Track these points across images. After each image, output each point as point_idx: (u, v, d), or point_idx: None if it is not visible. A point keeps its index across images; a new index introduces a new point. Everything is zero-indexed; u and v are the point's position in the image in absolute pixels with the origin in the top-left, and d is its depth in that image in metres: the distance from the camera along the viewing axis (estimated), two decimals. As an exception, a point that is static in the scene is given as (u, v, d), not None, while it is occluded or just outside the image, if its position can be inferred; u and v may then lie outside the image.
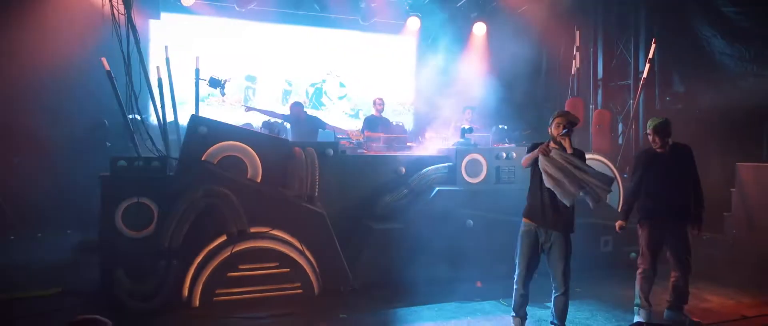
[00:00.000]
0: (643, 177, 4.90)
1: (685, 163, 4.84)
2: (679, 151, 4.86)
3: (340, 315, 4.99)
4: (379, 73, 11.16)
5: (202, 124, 5.43)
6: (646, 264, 4.93)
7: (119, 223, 5.02)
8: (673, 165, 4.81)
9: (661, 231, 4.86)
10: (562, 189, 4.18)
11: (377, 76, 11.10)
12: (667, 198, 4.79)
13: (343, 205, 6.08)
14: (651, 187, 4.85)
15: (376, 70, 11.17)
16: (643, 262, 4.98)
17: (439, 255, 5.94)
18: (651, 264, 4.92)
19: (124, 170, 5.14)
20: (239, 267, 5.02)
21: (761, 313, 5.27)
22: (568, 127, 4.26)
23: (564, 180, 4.19)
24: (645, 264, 4.94)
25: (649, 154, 4.95)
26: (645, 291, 4.97)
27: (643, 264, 4.96)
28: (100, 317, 2.50)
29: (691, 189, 4.84)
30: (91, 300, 5.15)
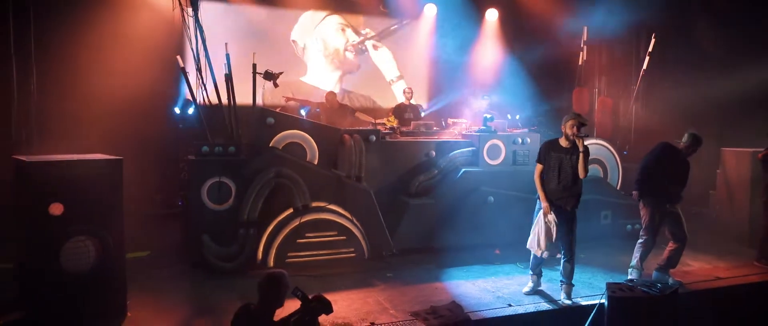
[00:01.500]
0: (661, 164, 5.93)
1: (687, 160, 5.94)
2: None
3: (387, 275, 6.11)
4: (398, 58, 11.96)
5: (269, 116, 6.45)
6: (649, 235, 5.97)
7: (204, 198, 6.08)
8: (685, 162, 5.90)
9: (664, 211, 5.91)
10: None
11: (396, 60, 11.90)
12: (676, 186, 5.89)
13: (383, 183, 7.14)
14: (667, 176, 5.90)
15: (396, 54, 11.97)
16: (646, 233, 5.99)
17: (465, 226, 7.04)
18: (653, 236, 5.97)
19: (207, 155, 6.18)
20: (306, 235, 6.09)
21: (733, 275, 6.38)
22: (581, 128, 5.31)
23: None
24: (647, 235, 5.98)
25: (673, 149, 5.99)
26: (643, 256, 6.03)
27: (647, 235, 5.98)
28: (283, 271, 3.50)
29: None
30: (184, 260, 6.27)
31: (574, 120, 5.34)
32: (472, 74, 11.59)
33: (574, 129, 5.32)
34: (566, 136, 5.39)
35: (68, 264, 4.41)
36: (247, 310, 3.41)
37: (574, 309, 5.18)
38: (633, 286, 4.57)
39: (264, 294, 3.36)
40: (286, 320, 3.42)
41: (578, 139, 5.32)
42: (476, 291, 5.61)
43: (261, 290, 3.37)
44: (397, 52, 11.76)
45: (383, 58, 11.61)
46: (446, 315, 4.82)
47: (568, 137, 5.38)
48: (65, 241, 4.38)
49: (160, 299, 5.17)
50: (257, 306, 3.41)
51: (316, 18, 11.06)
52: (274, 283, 3.34)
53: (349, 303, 5.16)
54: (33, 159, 4.40)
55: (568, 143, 5.41)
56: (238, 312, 3.43)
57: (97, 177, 4.49)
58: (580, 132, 5.34)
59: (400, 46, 11.77)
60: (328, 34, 11.14)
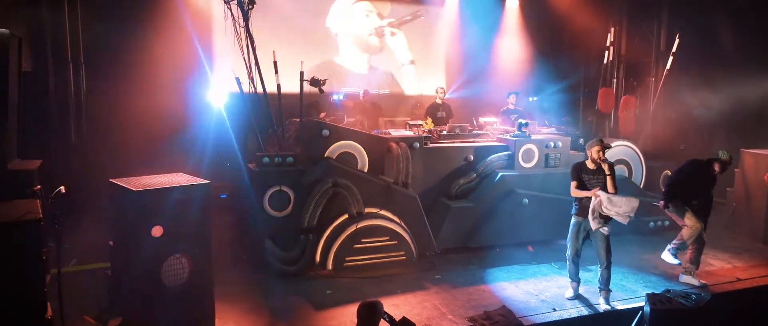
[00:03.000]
0: (694, 181, 6.58)
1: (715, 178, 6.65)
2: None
3: (436, 276, 6.65)
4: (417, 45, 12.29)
5: (324, 128, 6.89)
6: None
7: (266, 205, 6.56)
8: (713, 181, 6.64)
9: None
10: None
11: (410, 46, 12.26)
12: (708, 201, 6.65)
13: (426, 187, 7.63)
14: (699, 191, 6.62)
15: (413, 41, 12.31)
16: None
17: (501, 227, 7.57)
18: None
19: (268, 165, 6.64)
20: (362, 240, 6.60)
21: (752, 276, 6.93)
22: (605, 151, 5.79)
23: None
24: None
25: (709, 169, 6.60)
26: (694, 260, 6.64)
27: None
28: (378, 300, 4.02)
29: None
30: (242, 262, 6.80)
31: (599, 146, 5.82)
32: (493, 64, 11.95)
33: (600, 153, 5.79)
34: (591, 159, 5.85)
35: (167, 279, 4.91)
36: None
37: (613, 313, 5.73)
38: (671, 298, 5.09)
39: (362, 319, 3.87)
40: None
41: (604, 164, 5.78)
42: (521, 294, 6.15)
43: (360, 317, 3.89)
44: (419, 39, 12.07)
45: (398, 43, 12.05)
46: (500, 321, 5.37)
47: (593, 160, 5.84)
48: (165, 260, 4.87)
49: (239, 303, 5.70)
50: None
51: (347, 4, 11.57)
52: (372, 311, 3.87)
53: (410, 308, 5.71)
54: (133, 184, 4.85)
55: (594, 165, 5.88)
56: None
57: (190, 200, 4.96)
58: (603, 155, 5.80)
59: (423, 34, 12.08)
60: (356, 19, 11.69)
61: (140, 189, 4.73)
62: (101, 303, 5.51)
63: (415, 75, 12.10)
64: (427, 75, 12.01)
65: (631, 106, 10.09)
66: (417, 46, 12.05)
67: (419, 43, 12.06)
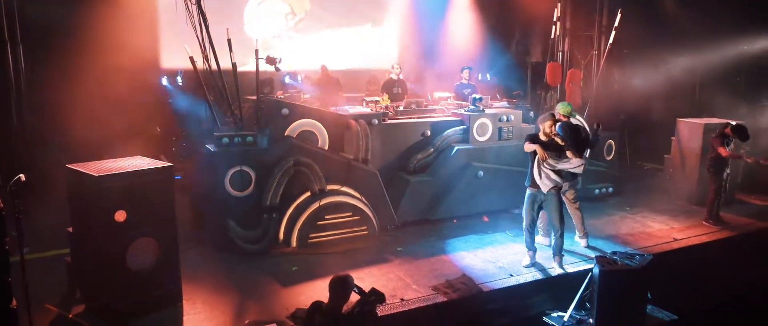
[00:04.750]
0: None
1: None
2: None
3: (398, 249, 6.86)
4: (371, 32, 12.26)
5: (283, 107, 6.89)
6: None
7: (228, 186, 6.54)
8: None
9: None
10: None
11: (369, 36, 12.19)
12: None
13: (385, 163, 7.77)
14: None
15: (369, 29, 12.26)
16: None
17: (458, 199, 7.84)
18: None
19: (227, 145, 6.60)
20: (325, 216, 6.70)
21: (687, 235, 7.51)
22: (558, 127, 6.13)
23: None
24: None
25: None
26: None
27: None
28: (349, 274, 4.13)
29: None
30: (205, 242, 6.78)
31: (551, 120, 6.12)
32: (446, 40, 12.15)
33: (552, 128, 6.09)
34: (544, 132, 6.15)
35: (132, 263, 4.88)
36: (320, 307, 4.03)
37: (566, 276, 6.12)
38: (617, 259, 5.49)
39: (334, 293, 3.99)
40: (351, 312, 4.08)
41: (557, 137, 6.09)
42: (479, 263, 6.45)
43: (332, 290, 4.00)
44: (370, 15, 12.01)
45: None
46: (462, 288, 5.65)
47: (545, 134, 6.15)
48: (129, 244, 4.83)
49: (205, 284, 5.71)
50: (328, 303, 4.03)
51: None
52: (343, 284, 3.99)
53: (375, 280, 5.89)
54: (93, 169, 4.75)
55: (547, 138, 6.19)
56: (312, 308, 4.06)
57: (153, 183, 4.92)
58: (556, 130, 6.12)
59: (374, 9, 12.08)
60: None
61: (101, 174, 4.65)
62: (61, 290, 5.42)
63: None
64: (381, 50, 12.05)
65: (576, 79, 10.55)
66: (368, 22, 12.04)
67: (370, 19, 12.06)
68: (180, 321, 4.96)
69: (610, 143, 9.68)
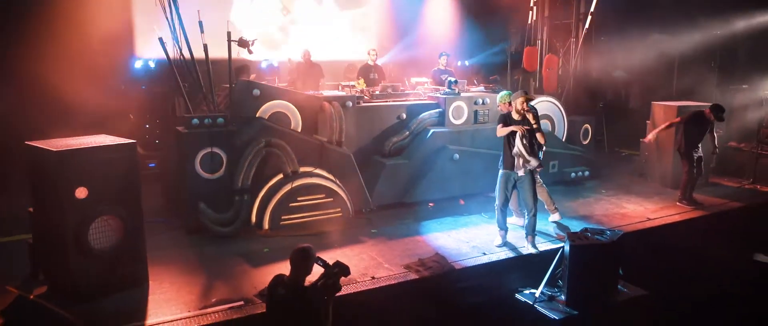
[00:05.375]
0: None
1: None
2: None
3: (372, 231, 6.80)
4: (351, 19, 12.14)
5: (255, 87, 6.79)
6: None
7: (198, 168, 6.44)
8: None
9: None
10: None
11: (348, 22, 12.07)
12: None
13: (360, 146, 7.72)
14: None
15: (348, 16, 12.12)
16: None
17: (434, 182, 7.81)
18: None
19: (197, 127, 6.49)
20: (297, 198, 6.62)
21: (661, 215, 7.57)
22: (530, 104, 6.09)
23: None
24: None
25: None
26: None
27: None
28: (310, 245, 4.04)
29: None
30: (176, 225, 6.67)
31: (523, 97, 6.11)
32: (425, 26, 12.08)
33: (524, 105, 6.08)
34: (516, 110, 6.14)
35: (95, 243, 4.77)
36: (282, 279, 3.95)
37: (539, 254, 6.11)
38: (588, 235, 5.50)
39: (296, 265, 3.90)
40: (314, 284, 4.01)
41: (529, 114, 6.08)
42: (453, 243, 6.43)
43: (293, 262, 3.91)
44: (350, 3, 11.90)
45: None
46: (434, 266, 5.62)
47: (518, 111, 6.13)
48: (91, 222, 4.72)
49: (173, 265, 5.61)
50: (290, 276, 3.95)
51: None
52: (305, 256, 3.89)
53: (347, 260, 5.74)
54: (53, 145, 4.63)
55: (520, 116, 6.17)
56: (274, 281, 3.97)
57: (115, 160, 4.81)
58: (527, 106, 6.10)
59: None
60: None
61: (61, 149, 4.53)
62: (24, 273, 5.28)
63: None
64: (359, 38, 11.94)
65: (553, 65, 10.57)
66: (347, 10, 11.94)
67: (350, 7, 11.95)
68: (144, 301, 4.85)
69: (586, 127, 9.73)
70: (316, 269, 3.94)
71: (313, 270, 3.97)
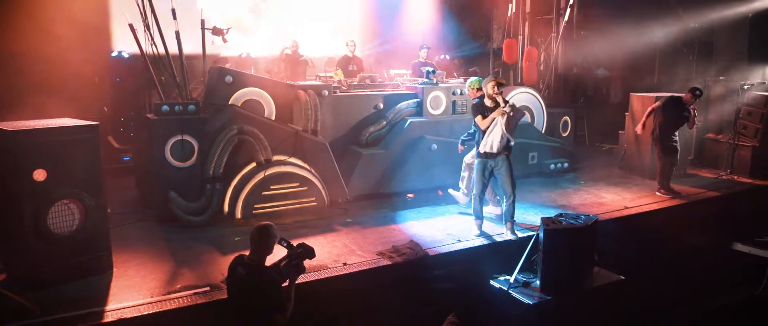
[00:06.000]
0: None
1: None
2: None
3: (347, 220, 6.70)
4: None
5: (227, 74, 6.66)
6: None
7: (168, 156, 6.29)
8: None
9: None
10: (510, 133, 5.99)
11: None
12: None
13: (336, 136, 7.62)
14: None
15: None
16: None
17: (412, 172, 7.72)
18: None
19: (168, 114, 6.35)
20: (270, 187, 6.49)
21: (638, 204, 7.55)
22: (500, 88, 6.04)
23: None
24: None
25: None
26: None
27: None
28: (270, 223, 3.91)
29: None
30: (148, 215, 6.52)
31: (494, 81, 6.05)
32: (405, 23, 12.02)
33: (495, 89, 6.02)
34: (488, 95, 6.08)
35: (55, 227, 4.62)
36: (242, 259, 3.82)
37: (514, 241, 6.05)
38: (562, 220, 5.44)
39: (255, 243, 3.77)
40: (276, 265, 3.88)
41: (499, 97, 6.03)
42: (429, 231, 6.34)
43: (252, 240, 3.78)
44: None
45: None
46: (408, 253, 5.52)
47: (490, 96, 6.07)
48: (51, 205, 4.56)
49: (140, 253, 5.46)
50: (250, 256, 3.82)
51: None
52: (263, 234, 3.76)
53: (320, 247, 5.69)
54: (11, 126, 4.48)
55: (492, 102, 6.11)
56: (234, 261, 3.85)
57: (76, 142, 4.66)
58: (499, 90, 6.05)
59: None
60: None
61: (17, 129, 4.38)
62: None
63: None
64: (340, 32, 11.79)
65: (533, 57, 10.56)
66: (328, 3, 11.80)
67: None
68: (107, 287, 4.70)
69: (565, 119, 9.73)
70: (280, 250, 3.83)
71: (276, 251, 3.86)
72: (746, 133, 9.25)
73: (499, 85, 6.06)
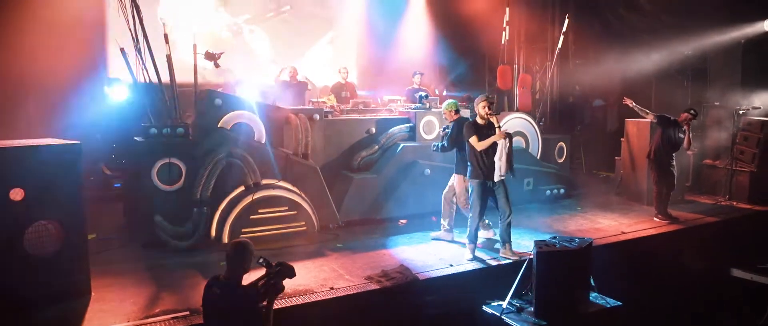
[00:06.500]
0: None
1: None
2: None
3: (337, 245, 6.54)
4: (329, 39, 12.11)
5: (217, 97, 6.62)
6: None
7: (155, 179, 6.19)
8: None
9: None
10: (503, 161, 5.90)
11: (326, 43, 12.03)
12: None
13: (328, 159, 7.53)
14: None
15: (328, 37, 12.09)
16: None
17: (404, 197, 7.59)
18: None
19: (155, 136, 6.27)
20: (259, 211, 6.35)
21: (635, 230, 7.40)
22: (493, 108, 5.99)
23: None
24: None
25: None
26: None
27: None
28: (247, 240, 3.79)
29: None
30: (133, 241, 6.37)
31: (486, 101, 6.00)
32: (401, 50, 12.08)
33: (486, 109, 5.96)
34: (480, 116, 6.02)
35: (31, 248, 4.48)
36: (217, 279, 3.67)
37: (507, 265, 5.89)
38: (555, 242, 5.29)
39: (231, 261, 3.63)
40: (253, 284, 3.72)
41: (492, 117, 5.97)
42: (420, 255, 6.18)
43: (228, 258, 3.64)
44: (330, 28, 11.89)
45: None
46: (397, 277, 5.36)
47: (482, 116, 6.01)
48: (28, 226, 4.44)
49: (121, 278, 5.30)
50: (226, 274, 3.67)
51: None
52: (239, 251, 3.62)
53: (307, 271, 5.56)
54: (-12, 145, 4.40)
55: (484, 121, 6.05)
56: (209, 281, 3.70)
57: (57, 162, 4.57)
58: (491, 110, 5.99)
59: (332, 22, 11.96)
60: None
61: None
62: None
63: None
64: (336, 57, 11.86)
65: (527, 84, 10.56)
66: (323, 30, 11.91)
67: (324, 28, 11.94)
68: (83, 311, 4.53)
69: (561, 145, 9.64)
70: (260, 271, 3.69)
71: (256, 270, 3.72)
72: (743, 158, 9.16)
73: (491, 104, 6.01)
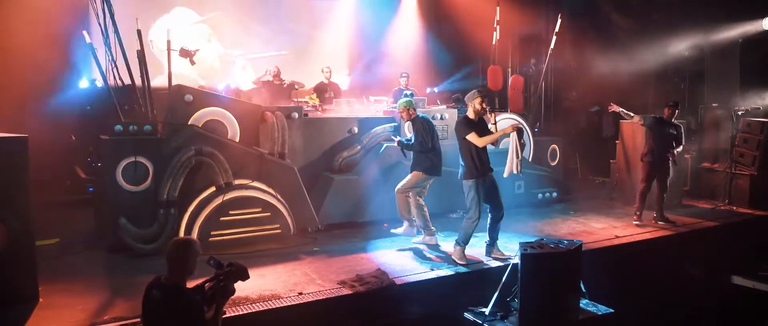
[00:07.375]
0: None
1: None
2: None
3: (314, 249, 6.18)
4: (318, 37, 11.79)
5: (187, 93, 6.28)
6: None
7: (120, 179, 5.84)
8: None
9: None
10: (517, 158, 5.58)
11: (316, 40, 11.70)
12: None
13: (307, 160, 7.18)
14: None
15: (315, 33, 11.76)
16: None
17: (388, 200, 7.20)
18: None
19: (121, 134, 5.93)
20: (229, 212, 6.00)
21: (630, 234, 7.04)
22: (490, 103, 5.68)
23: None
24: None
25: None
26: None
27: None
28: (191, 237, 3.44)
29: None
30: (99, 245, 6.01)
31: (480, 96, 5.68)
32: (390, 51, 11.78)
33: (482, 104, 5.63)
34: (475, 112, 5.69)
35: (-30, 250, 4.13)
36: (158, 281, 3.31)
37: (491, 269, 5.52)
38: (542, 244, 4.93)
39: (171, 261, 3.26)
40: (199, 287, 3.34)
41: (490, 114, 5.65)
42: (401, 259, 5.83)
43: (169, 258, 3.28)
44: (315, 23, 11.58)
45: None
46: (372, 281, 4.99)
47: (477, 112, 5.68)
48: (-35, 225, 4.09)
49: (75, 283, 4.94)
50: (167, 276, 3.31)
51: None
52: (181, 248, 3.25)
53: (277, 276, 5.20)
54: None
55: (476, 117, 5.72)
56: (149, 284, 3.34)
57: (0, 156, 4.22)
58: (486, 104, 5.67)
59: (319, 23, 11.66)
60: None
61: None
62: None
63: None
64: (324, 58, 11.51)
65: (519, 85, 10.25)
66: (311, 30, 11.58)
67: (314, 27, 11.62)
68: (24, 318, 4.16)
69: (553, 148, 9.32)
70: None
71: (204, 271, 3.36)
72: (743, 161, 8.81)
73: (485, 99, 5.69)
